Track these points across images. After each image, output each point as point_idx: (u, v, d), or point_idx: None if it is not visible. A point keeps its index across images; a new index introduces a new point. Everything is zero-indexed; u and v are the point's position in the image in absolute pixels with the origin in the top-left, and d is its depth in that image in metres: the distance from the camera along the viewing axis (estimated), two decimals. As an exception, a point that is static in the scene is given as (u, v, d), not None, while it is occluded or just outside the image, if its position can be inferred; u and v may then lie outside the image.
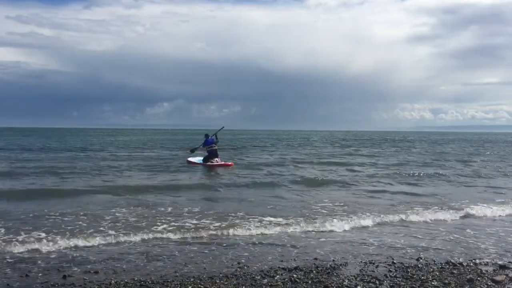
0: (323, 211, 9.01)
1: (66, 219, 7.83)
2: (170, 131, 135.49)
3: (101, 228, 7.20)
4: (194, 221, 7.85)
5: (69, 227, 7.22)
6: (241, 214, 8.50)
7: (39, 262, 5.45)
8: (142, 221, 7.80)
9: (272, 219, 8.10)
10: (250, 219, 8.04)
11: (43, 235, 6.72)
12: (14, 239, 6.42)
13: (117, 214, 8.29)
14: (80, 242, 6.37)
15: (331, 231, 7.40)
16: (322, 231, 7.35)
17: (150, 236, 6.81)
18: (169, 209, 8.91)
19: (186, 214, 8.49)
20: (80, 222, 7.59)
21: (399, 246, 6.48)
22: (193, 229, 7.25)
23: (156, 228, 7.26)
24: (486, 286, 4.79)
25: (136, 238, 6.69)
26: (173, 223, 7.65)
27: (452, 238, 7.06)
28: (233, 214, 8.43)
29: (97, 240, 6.50)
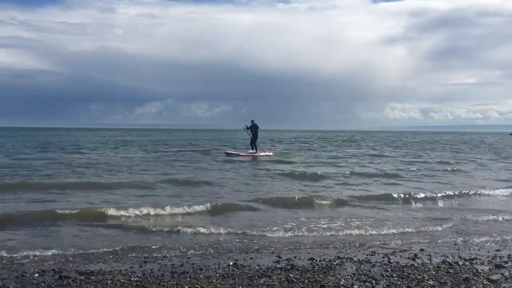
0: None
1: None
2: (152, 130, 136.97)
3: (99, 228, 7.20)
4: (190, 220, 7.86)
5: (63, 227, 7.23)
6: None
7: (35, 262, 5.43)
8: (138, 221, 7.80)
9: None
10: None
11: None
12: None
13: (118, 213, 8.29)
14: (78, 242, 6.36)
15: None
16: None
17: (147, 236, 6.81)
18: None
19: (183, 214, 8.51)
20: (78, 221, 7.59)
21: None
22: (190, 229, 7.26)
23: (152, 228, 7.27)
24: (482, 285, 4.81)
25: (133, 238, 6.68)
26: (170, 223, 7.66)
27: None
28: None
29: (95, 240, 6.49)
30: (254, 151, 23.63)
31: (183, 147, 34.24)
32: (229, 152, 24.47)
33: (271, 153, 24.64)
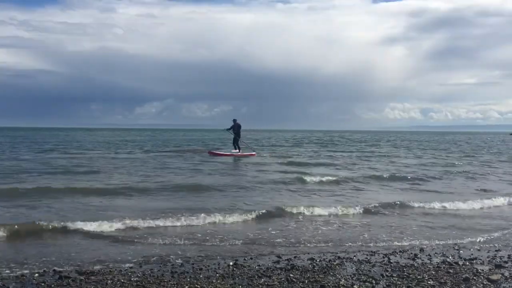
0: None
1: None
2: (152, 130, 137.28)
3: (98, 228, 7.19)
4: (191, 219, 7.87)
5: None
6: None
7: (35, 262, 5.43)
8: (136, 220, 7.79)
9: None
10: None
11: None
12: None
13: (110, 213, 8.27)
14: (77, 242, 6.36)
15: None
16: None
17: (146, 236, 6.81)
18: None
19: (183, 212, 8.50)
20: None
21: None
22: (188, 228, 7.27)
23: (150, 227, 7.27)
24: (482, 285, 4.81)
25: (132, 238, 6.69)
26: (168, 222, 7.66)
27: None
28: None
29: (93, 240, 6.50)
30: (237, 150, 23.64)
31: (182, 147, 34.20)
32: (213, 152, 24.31)
33: (253, 153, 24.48)
